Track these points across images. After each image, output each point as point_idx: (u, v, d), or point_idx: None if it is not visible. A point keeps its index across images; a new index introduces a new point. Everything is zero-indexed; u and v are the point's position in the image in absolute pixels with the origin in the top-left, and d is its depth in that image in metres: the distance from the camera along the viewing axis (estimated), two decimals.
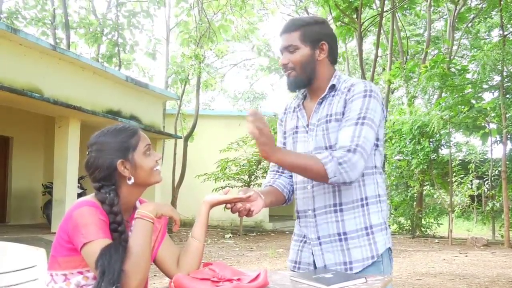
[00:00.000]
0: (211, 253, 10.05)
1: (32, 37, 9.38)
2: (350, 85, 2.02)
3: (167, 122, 15.66)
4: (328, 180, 1.85)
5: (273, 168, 2.29)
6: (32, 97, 8.73)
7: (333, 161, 1.83)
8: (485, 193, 17.23)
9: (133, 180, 1.80)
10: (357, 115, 1.92)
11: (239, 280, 1.69)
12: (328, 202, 2.01)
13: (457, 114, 13.28)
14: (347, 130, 1.91)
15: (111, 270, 1.57)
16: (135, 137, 1.83)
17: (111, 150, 1.80)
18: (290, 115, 2.22)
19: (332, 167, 1.83)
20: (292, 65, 2.03)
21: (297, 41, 2.01)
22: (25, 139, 12.35)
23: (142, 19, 18.24)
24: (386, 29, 18.52)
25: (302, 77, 2.04)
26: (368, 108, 1.93)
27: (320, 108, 2.06)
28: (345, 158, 1.84)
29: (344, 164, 1.84)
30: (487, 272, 8.23)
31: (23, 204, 12.35)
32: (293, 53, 2.02)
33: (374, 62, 14.90)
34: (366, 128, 1.90)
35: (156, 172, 1.86)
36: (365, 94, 1.96)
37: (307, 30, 2.02)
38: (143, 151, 1.83)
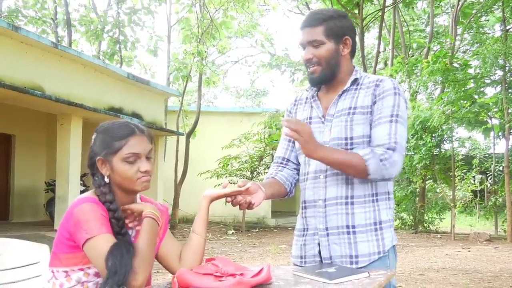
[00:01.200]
0: (214, 249, 10.06)
1: (33, 34, 9.38)
2: (376, 80, 2.05)
3: (169, 119, 15.66)
4: (368, 176, 1.90)
5: (276, 160, 2.29)
6: (33, 95, 8.73)
7: (374, 158, 1.88)
8: (488, 188, 17.22)
9: (108, 180, 1.78)
10: (390, 113, 1.96)
11: (242, 275, 1.69)
12: (340, 193, 2.02)
13: (459, 109, 13.25)
14: (383, 127, 1.95)
15: (122, 271, 1.57)
16: (122, 141, 1.77)
17: (97, 145, 1.81)
18: (302, 106, 2.22)
19: (374, 164, 1.88)
20: (317, 60, 2.03)
21: (321, 36, 2.01)
22: (27, 137, 12.36)
23: (143, 16, 18.19)
24: (388, 24, 18.49)
25: (327, 72, 2.05)
26: (399, 106, 1.98)
27: (340, 100, 2.07)
28: (386, 155, 1.89)
29: (385, 161, 1.89)
30: (489, 267, 8.23)
31: (25, 202, 12.38)
32: (318, 48, 2.02)
33: (376, 57, 14.88)
34: (400, 125, 1.96)
35: (139, 181, 1.79)
36: (395, 92, 1.99)
37: (331, 25, 2.01)
38: (124, 157, 1.76)
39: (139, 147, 1.78)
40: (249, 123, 15.03)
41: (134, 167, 1.77)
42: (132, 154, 1.76)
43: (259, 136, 14.59)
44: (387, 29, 18.78)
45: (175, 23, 17.08)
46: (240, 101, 32.37)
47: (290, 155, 2.26)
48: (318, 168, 2.06)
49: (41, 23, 17.93)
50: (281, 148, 2.29)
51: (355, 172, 1.93)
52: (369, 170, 1.88)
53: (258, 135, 14.58)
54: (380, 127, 1.96)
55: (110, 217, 1.72)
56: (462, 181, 15.79)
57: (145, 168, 1.78)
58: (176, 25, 17.04)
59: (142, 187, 1.80)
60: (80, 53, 11.09)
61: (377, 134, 1.96)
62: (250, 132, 14.48)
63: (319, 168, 2.05)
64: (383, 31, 16.70)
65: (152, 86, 12.84)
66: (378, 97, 2.00)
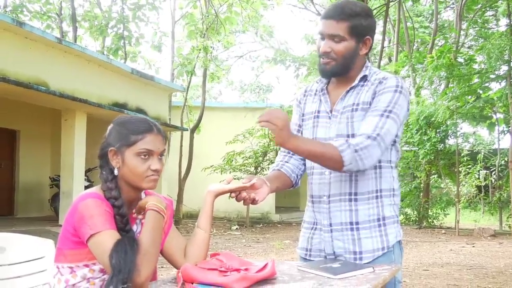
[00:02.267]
0: (218, 245, 10.08)
1: (37, 30, 9.39)
2: (382, 77, 2.03)
3: (173, 114, 15.66)
4: (342, 167, 1.85)
5: (283, 150, 2.26)
6: (38, 90, 8.75)
7: (349, 149, 1.83)
8: (492, 184, 17.19)
9: (117, 172, 1.78)
10: (384, 107, 1.93)
11: (247, 270, 1.70)
12: (343, 190, 2.01)
13: (464, 104, 13.21)
14: (372, 119, 1.92)
15: (126, 268, 1.57)
16: (139, 135, 1.78)
17: (112, 136, 1.81)
18: (311, 98, 2.20)
19: (349, 154, 1.83)
20: (335, 55, 2.00)
21: (344, 32, 1.97)
22: (32, 132, 12.39)
23: (147, 11, 18.19)
24: (393, 19, 18.42)
25: (340, 68, 2.02)
26: (397, 103, 1.94)
27: (347, 96, 2.05)
28: (361, 145, 1.84)
29: (360, 151, 1.84)
30: (494, 262, 8.22)
31: (30, 197, 12.42)
32: (338, 43, 1.98)
33: (381, 52, 14.83)
34: (390, 121, 1.91)
35: (148, 179, 1.79)
36: (396, 89, 1.97)
37: (356, 23, 1.97)
38: (137, 152, 1.77)
39: (154, 144, 1.79)
40: (253, 118, 14.99)
41: (145, 163, 1.77)
42: (146, 150, 1.77)
43: (263, 131, 14.58)
44: (391, 24, 18.71)
45: (179, 19, 17.07)
46: (244, 96, 32.33)
47: None
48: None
49: (46, 18, 17.94)
50: None
51: (331, 163, 1.88)
52: (344, 162, 1.84)
53: (262, 130, 14.56)
54: (368, 118, 1.93)
55: (114, 213, 1.72)
56: (466, 177, 15.76)
57: (156, 166, 1.79)
58: (181, 20, 17.03)
59: (149, 186, 1.80)
60: (85, 48, 11.10)
61: (363, 125, 1.93)
62: (254, 128, 14.47)
63: None
64: (387, 26, 16.61)
65: (156, 81, 12.85)
66: (378, 93, 1.98)
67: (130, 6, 17.90)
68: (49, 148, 12.77)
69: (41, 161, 12.71)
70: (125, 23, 17.53)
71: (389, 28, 18.45)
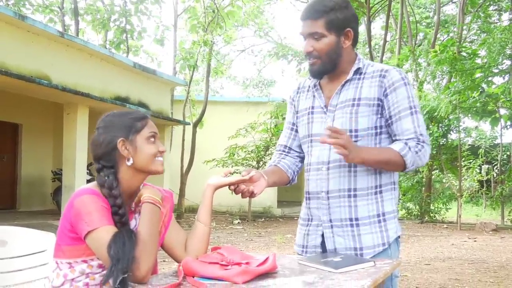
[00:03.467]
0: (219, 239, 10.09)
1: (39, 23, 9.37)
2: (381, 69, 2.03)
3: (175, 108, 15.66)
4: (405, 169, 1.96)
5: (279, 148, 2.30)
6: (40, 84, 8.75)
7: (411, 152, 1.93)
8: (494, 178, 17.16)
9: (132, 161, 1.78)
10: (408, 104, 1.98)
11: (248, 264, 1.70)
12: (342, 186, 2.01)
13: (466, 98, 13.16)
14: (406, 121, 1.97)
15: (125, 258, 1.57)
16: (142, 121, 1.83)
17: (115, 128, 1.80)
18: (305, 95, 2.20)
19: (410, 157, 1.93)
20: (317, 54, 2.01)
21: (322, 29, 1.98)
22: (34, 126, 12.41)
23: (149, 5, 18.15)
24: (395, 13, 18.34)
25: (327, 65, 2.03)
26: (413, 95, 2.01)
27: (343, 90, 2.05)
28: (419, 147, 1.94)
29: (420, 153, 1.95)
30: (496, 256, 8.22)
31: (32, 191, 12.46)
32: (318, 40, 1.99)
33: (383, 47, 14.79)
34: (420, 116, 2.00)
35: (158, 161, 1.83)
36: (405, 82, 2.00)
37: (332, 17, 1.97)
38: (146, 136, 1.81)
39: (155, 128, 1.86)
40: (256, 112, 15.00)
41: (154, 146, 1.82)
42: (153, 133, 1.83)
43: (265, 126, 14.58)
44: (393, 18, 18.64)
45: (182, 13, 17.03)
46: (247, 91, 32.32)
47: (292, 143, 2.26)
48: (320, 159, 2.06)
49: (48, 11, 17.92)
50: (284, 137, 2.30)
51: (394, 168, 1.99)
52: (407, 164, 1.94)
53: (264, 124, 14.56)
54: (403, 121, 1.98)
55: (113, 212, 1.71)
56: (468, 171, 15.73)
57: (163, 148, 1.85)
58: (183, 14, 16.99)
59: (160, 169, 1.83)
60: (87, 42, 11.09)
61: (401, 128, 1.98)
62: (256, 122, 14.46)
63: (321, 160, 2.05)
64: (389, 20, 16.56)
65: (158, 75, 12.83)
66: (389, 89, 1.99)
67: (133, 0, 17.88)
68: (51, 142, 12.80)
69: (43, 155, 12.74)
70: (127, 17, 17.51)
71: (391, 23, 18.38)
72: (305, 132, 2.13)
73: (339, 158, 1.98)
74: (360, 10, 15.02)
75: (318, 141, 2.00)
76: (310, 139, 2.11)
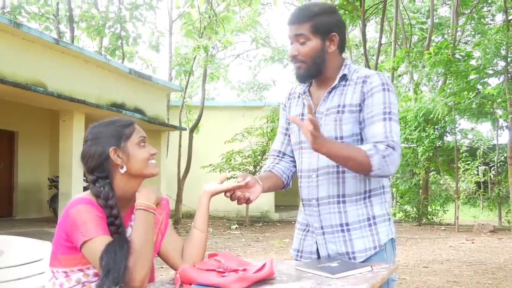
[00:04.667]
0: (217, 244, 10.08)
1: (34, 31, 9.37)
2: (364, 76, 2.01)
3: (171, 114, 15.66)
4: (371, 172, 1.87)
5: (273, 153, 2.30)
6: (36, 91, 8.74)
7: (378, 154, 1.85)
8: (491, 179, 17.20)
9: (126, 169, 1.78)
10: (382, 110, 1.94)
11: (245, 270, 1.69)
12: (332, 192, 2.01)
13: (462, 100, 13.20)
14: (378, 125, 1.93)
15: (116, 268, 1.57)
16: (130, 127, 1.84)
17: (104, 139, 1.80)
18: (295, 101, 2.21)
19: (377, 160, 1.85)
20: (302, 58, 2.01)
21: (307, 33, 1.98)
22: (31, 133, 12.39)
23: (144, 11, 18.18)
24: (390, 16, 18.41)
25: (312, 69, 2.02)
26: (390, 102, 1.95)
27: (330, 97, 2.05)
28: (387, 152, 1.87)
29: (387, 158, 1.87)
30: (494, 258, 8.23)
31: (29, 198, 12.42)
32: (303, 44, 1.99)
33: (378, 50, 14.81)
34: (394, 123, 1.94)
35: (152, 164, 1.84)
36: (384, 88, 1.96)
37: (318, 22, 1.98)
38: (137, 141, 1.82)
39: (143, 132, 1.87)
40: (252, 117, 15.01)
41: (145, 150, 1.83)
42: (143, 137, 1.84)
43: (261, 130, 14.58)
44: (387, 21, 18.71)
45: (177, 18, 17.05)
46: (243, 95, 32.34)
47: (286, 148, 2.27)
48: (311, 167, 2.06)
49: (44, 19, 17.92)
50: (277, 141, 2.30)
51: (359, 167, 1.90)
52: (373, 166, 1.86)
53: (260, 129, 14.57)
54: (374, 125, 1.93)
55: (109, 222, 1.70)
56: (465, 173, 15.76)
57: (153, 150, 1.86)
58: (178, 19, 17.01)
59: (154, 171, 1.84)
60: (82, 49, 11.09)
61: (372, 132, 1.93)
62: (252, 127, 14.47)
63: (311, 167, 2.06)
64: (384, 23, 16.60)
65: (154, 81, 12.84)
66: (367, 94, 1.97)
67: (127, 6, 17.90)
68: (47, 149, 12.77)
69: (40, 162, 12.70)
70: (122, 23, 17.52)
71: (385, 26, 18.45)
72: (296, 139, 2.14)
73: (327, 165, 1.99)
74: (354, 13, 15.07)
75: (308, 148, 2.00)
76: (300, 146, 2.11)
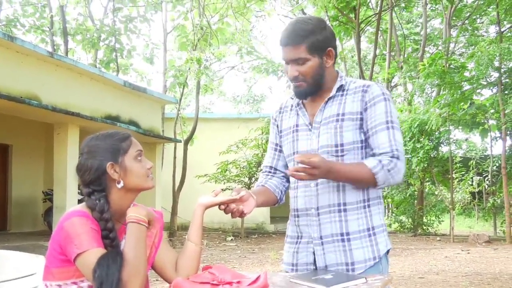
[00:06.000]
0: (213, 256, 10.03)
1: (29, 44, 9.37)
2: (362, 85, 2.06)
3: (166, 126, 15.65)
4: (377, 186, 1.96)
5: (265, 169, 2.31)
6: (30, 105, 8.72)
7: (383, 170, 1.93)
8: (486, 190, 17.22)
9: (123, 184, 1.79)
10: (385, 119, 1.99)
11: (239, 283, 1.69)
12: (332, 201, 2.02)
13: (456, 111, 13.26)
14: (382, 135, 1.98)
15: (109, 281, 1.56)
16: (127, 141, 1.83)
17: (101, 153, 1.80)
18: (288, 114, 2.22)
19: (382, 175, 1.93)
20: (303, 77, 2.03)
21: (305, 54, 2.00)
22: (25, 147, 12.35)
23: (139, 24, 18.25)
24: (384, 28, 18.53)
25: (313, 87, 2.05)
26: (391, 111, 2.01)
27: (327, 107, 2.07)
28: (392, 165, 1.94)
29: (392, 171, 1.94)
30: (489, 268, 8.22)
31: (24, 212, 12.35)
32: (302, 65, 2.01)
33: (373, 61, 14.92)
34: (397, 132, 2.00)
35: (148, 178, 1.84)
36: (384, 98, 2.01)
37: (313, 40, 1.99)
38: (134, 155, 1.82)
39: (139, 146, 1.87)
40: (247, 129, 15.03)
41: (142, 164, 1.83)
42: (139, 151, 1.84)
43: (256, 142, 14.59)
44: (381, 34, 18.83)
45: (171, 31, 17.10)
46: (238, 107, 32.37)
47: (278, 163, 2.28)
48: None
49: (40, 32, 17.96)
50: (268, 157, 2.32)
51: (365, 184, 1.98)
52: (378, 182, 1.94)
53: (255, 140, 14.58)
54: (379, 134, 1.98)
55: (103, 235, 1.70)
56: (460, 183, 15.78)
57: (150, 164, 1.86)
58: (172, 32, 17.06)
59: (151, 184, 1.85)
60: (76, 62, 11.09)
61: (377, 142, 1.99)
62: (247, 138, 14.48)
63: None
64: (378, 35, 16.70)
65: (148, 93, 12.84)
66: (369, 103, 2.01)
67: (122, 18, 17.96)
68: (42, 162, 12.73)
69: (34, 175, 12.65)
70: (116, 36, 17.56)
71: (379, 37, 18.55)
72: (291, 150, 2.15)
73: None
74: (349, 25, 15.17)
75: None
76: (294, 156, 2.12)
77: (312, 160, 1.81)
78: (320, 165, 1.82)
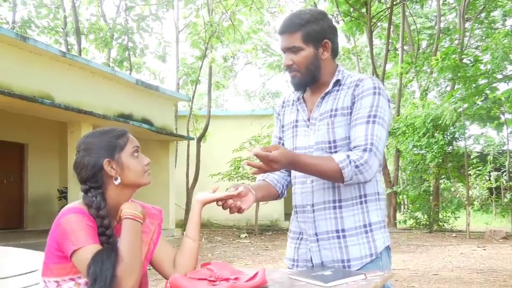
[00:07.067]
0: (226, 253, 10.04)
1: (41, 44, 9.44)
2: (357, 79, 2.00)
3: (179, 123, 15.70)
4: (343, 182, 1.87)
5: None
6: (43, 104, 8.79)
7: (350, 165, 1.84)
8: (504, 185, 17.04)
9: (120, 180, 1.78)
10: (367, 113, 1.91)
11: (237, 279, 1.68)
12: (327, 198, 1.99)
13: (471, 105, 13.09)
14: (359, 128, 1.90)
15: (102, 277, 1.56)
16: (123, 138, 1.83)
17: (97, 149, 1.79)
18: (289, 108, 2.20)
19: (349, 171, 1.84)
20: (297, 67, 2.00)
21: (299, 42, 1.97)
22: (40, 145, 12.47)
23: (151, 22, 18.32)
24: (397, 23, 18.38)
25: (307, 77, 2.02)
26: (378, 106, 1.92)
27: (323, 102, 2.04)
28: (361, 161, 1.84)
29: (361, 167, 1.85)
30: (505, 265, 8.12)
31: (39, 210, 12.47)
32: (297, 54, 1.99)
33: (385, 56, 14.80)
34: (378, 126, 1.90)
35: (145, 174, 1.84)
36: (374, 92, 1.94)
37: (309, 30, 1.97)
38: (130, 152, 1.82)
39: (136, 142, 1.86)
40: (260, 125, 15.02)
41: (139, 160, 1.83)
42: (136, 148, 1.84)
43: (269, 138, 14.57)
44: (394, 28, 18.67)
45: (183, 28, 17.13)
46: (253, 103, 32.36)
47: None
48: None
49: (54, 33, 18.12)
50: None
51: (332, 179, 1.90)
52: (345, 177, 1.85)
53: (268, 137, 14.56)
54: (357, 127, 1.91)
55: (100, 232, 1.70)
56: (477, 179, 15.62)
57: (147, 160, 1.86)
58: (184, 29, 17.10)
59: (148, 180, 1.84)
60: (89, 61, 11.15)
61: (353, 136, 1.91)
62: (260, 135, 14.47)
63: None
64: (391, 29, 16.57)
65: (161, 91, 12.87)
66: (357, 97, 1.95)
67: (134, 17, 18.04)
68: (57, 160, 12.83)
69: (50, 173, 12.77)
70: (129, 35, 17.64)
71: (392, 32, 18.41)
72: (290, 146, 2.12)
73: None
74: (361, 20, 15.07)
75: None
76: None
77: (266, 154, 1.76)
78: (279, 158, 1.77)
